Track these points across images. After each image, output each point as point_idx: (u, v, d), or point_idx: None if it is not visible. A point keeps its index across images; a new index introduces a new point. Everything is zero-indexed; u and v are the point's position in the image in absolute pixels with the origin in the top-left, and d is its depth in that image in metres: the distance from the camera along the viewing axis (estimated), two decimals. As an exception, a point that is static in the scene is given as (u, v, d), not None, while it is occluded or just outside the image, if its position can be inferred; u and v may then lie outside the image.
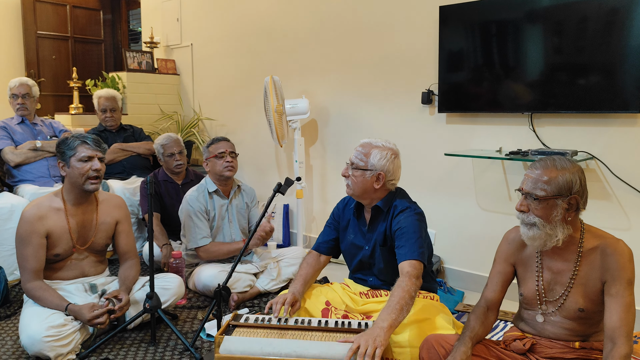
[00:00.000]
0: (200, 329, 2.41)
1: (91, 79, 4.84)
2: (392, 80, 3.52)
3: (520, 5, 2.86)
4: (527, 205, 1.67)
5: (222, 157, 3.05)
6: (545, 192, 1.63)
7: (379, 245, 2.26)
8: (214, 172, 3.08)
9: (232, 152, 3.10)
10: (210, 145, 3.11)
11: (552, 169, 1.65)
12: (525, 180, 1.69)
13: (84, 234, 2.54)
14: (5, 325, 2.66)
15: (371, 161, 2.20)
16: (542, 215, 1.64)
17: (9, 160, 3.60)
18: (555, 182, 1.63)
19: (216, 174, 3.08)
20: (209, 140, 3.15)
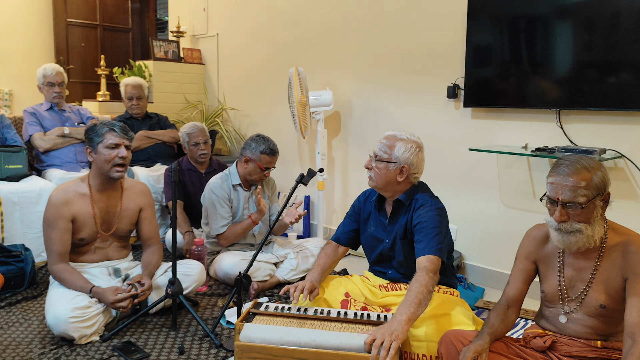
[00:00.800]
0: (220, 316, 2.44)
1: (118, 67, 4.91)
2: (418, 73, 3.50)
3: (550, 0, 2.80)
4: (567, 214, 1.63)
5: (264, 171, 3.07)
6: (586, 197, 1.59)
7: (399, 238, 2.26)
8: (247, 174, 3.10)
9: (273, 168, 3.12)
10: (263, 152, 3.02)
11: (584, 171, 1.60)
12: (560, 190, 1.62)
13: (108, 219, 2.59)
14: (32, 305, 2.73)
15: (395, 154, 2.19)
16: (584, 220, 1.61)
17: (38, 146, 3.68)
18: (592, 183, 1.59)
19: (247, 177, 3.11)
20: (266, 146, 3.04)
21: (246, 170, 3.08)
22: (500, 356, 1.73)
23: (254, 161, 3.04)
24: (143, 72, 4.81)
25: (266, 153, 3.04)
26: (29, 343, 2.30)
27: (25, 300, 2.78)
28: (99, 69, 4.96)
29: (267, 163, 3.06)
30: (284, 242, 3.37)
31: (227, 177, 3.14)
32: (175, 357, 2.20)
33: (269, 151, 3.04)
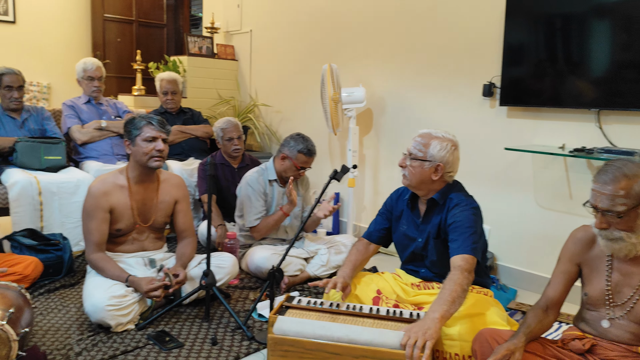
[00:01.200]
0: (252, 309, 2.47)
1: (153, 62, 5.00)
2: (452, 71, 3.47)
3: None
4: (607, 222, 1.60)
5: (299, 170, 3.10)
6: (625, 206, 1.56)
7: (433, 237, 2.24)
8: (282, 171, 3.13)
9: (309, 168, 3.15)
10: (300, 151, 3.05)
11: (623, 179, 1.56)
12: (598, 197, 1.59)
13: (145, 211, 2.64)
14: (70, 292, 2.81)
15: (430, 152, 2.18)
16: (626, 228, 1.58)
17: (76, 139, 3.78)
18: (632, 192, 1.55)
19: (282, 174, 3.15)
20: (304, 146, 3.06)
21: (282, 166, 3.11)
22: (536, 357, 1.71)
23: (291, 159, 3.07)
24: (177, 68, 4.89)
25: (303, 153, 3.06)
26: (67, 329, 2.37)
27: (63, 288, 2.86)
28: (135, 64, 5.05)
29: (303, 162, 3.08)
30: (314, 238, 3.39)
31: (263, 172, 3.18)
32: (208, 348, 2.23)
33: (306, 151, 3.06)
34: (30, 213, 3.19)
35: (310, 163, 3.12)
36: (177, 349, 2.21)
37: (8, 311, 1.79)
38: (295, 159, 3.06)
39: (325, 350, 1.87)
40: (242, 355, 2.19)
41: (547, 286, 1.86)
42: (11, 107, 3.50)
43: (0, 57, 5.29)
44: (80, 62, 3.91)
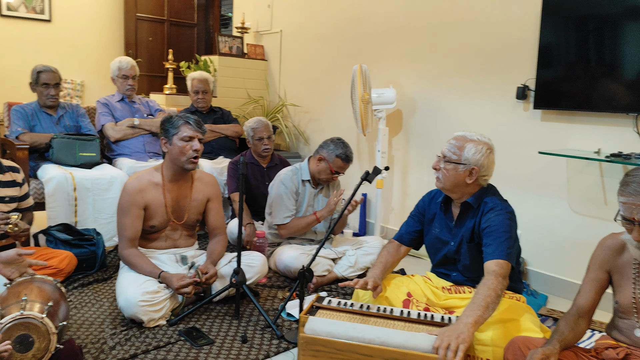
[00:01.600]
0: (282, 308, 2.48)
1: (184, 61, 5.06)
2: (485, 73, 3.43)
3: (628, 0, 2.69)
4: None
5: (334, 174, 3.11)
6: None
7: (466, 241, 2.22)
8: (317, 172, 3.15)
9: (342, 174, 3.16)
10: (338, 155, 3.06)
11: None
12: (634, 210, 1.56)
13: (178, 209, 2.68)
14: (103, 287, 2.86)
15: (465, 155, 2.15)
16: None
17: (110, 136, 3.85)
18: None
19: (316, 175, 3.16)
20: (341, 149, 3.08)
21: (317, 168, 3.12)
22: (570, 365, 1.68)
23: (328, 162, 3.08)
24: (208, 67, 4.94)
25: (341, 158, 3.08)
26: (101, 323, 2.42)
27: (97, 282, 2.92)
28: (167, 63, 5.12)
29: (339, 167, 3.09)
30: (341, 239, 3.39)
31: (297, 171, 3.19)
32: (238, 346, 2.26)
33: (344, 157, 3.08)
34: (65, 208, 3.26)
35: (345, 169, 3.14)
36: (208, 346, 2.23)
37: (47, 305, 1.83)
38: (332, 162, 3.07)
39: (357, 351, 1.86)
40: (272, 354, 2.21)
41: (578, 294, 1.83)
42: (48, 104, 3.58)
43: (37, 55, 5.43)
44: (115, 61, 3.98)
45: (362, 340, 1.86)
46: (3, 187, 2.60)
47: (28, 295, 1.83)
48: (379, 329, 1.89)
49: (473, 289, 2.24)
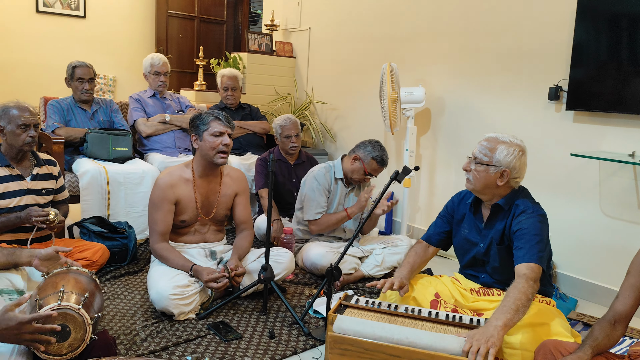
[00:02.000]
0: (310, 305, 2.50)
1: (214, 58, 5.12)
2: (517, 73, 3.38)
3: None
4: None
5: (368, 175, 3.11)
6: None
7: (496, 243, 2.21)
8: (350, 172, 3.15)
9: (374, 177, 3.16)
10: (374, 158, 3.05)
11: None
12: None
13: (207, 204, 2.72)
14: (134, 279, 2.93)
15: (496, 157, 2.13)
16: None
17: (141, 131, 3.92)
18: None
19: (349, 174, 3.16)
20: (379, 155, 3.06)
21: (351, 167, 3.13)
22: (602, 372, 1.66)
23: (362, 162, 3.08)
24: (238, 64, 4.98)
25: (377, 160, 3.07)
26: (133, 315, 2.47)
27: (128, 275, 2.99)
28: (197, 60, 5.19)
29: (373, 170, 3.09)
30: (368, 237, 3.40)
31: (330, 169, 3.20)
32: (266, 341, 2.29)
33: (380, 160, 3.07)
34: (98, 201, 3.34)
35: (379, 172, 3.13)
36: (237, 340, 2.27)
37: (83, 296, 1.88)
38: (367, 163, 3.07)
39: (385, 351, 1.87)
40: (299, 350, 2.23)
41: (616, 299, 1.80)
42: (82, 98, 3.67)
43: (71, 51, 5.56)
44: (147, 57, 4.05)
45: (390, 340, 1.86)
46: (40, 180, 2.68)
47: (65, 286, 1.88)
48: (407, 329, 1.89)
49: (502, 292, 2.23)
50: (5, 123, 2.54)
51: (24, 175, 2.62)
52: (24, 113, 2.55)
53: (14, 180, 2.58)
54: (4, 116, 2.55)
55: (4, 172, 2.56)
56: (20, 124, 2.52)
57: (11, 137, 2.55)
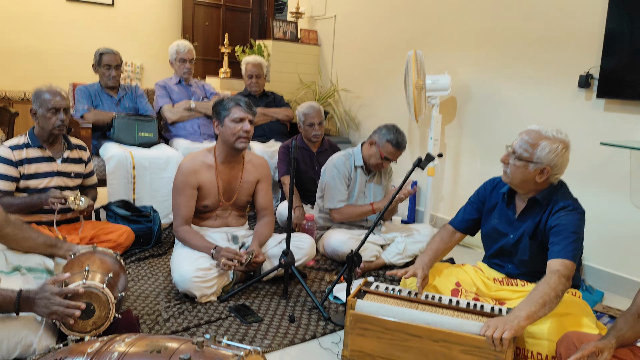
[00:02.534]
0: (330, 290, 2.51)
1: (238, 45, 5.13)
2: (546, 60, 3.31)
3: None
4: None
5: (384, 160, 3.07)
6: None
7: (528, 236, 2.15)
8: (368, 157, 3.13)
9: (393, 161, 3.12)
10: (389, 140, 3.01)
11: None
12: None
13: (229, 190, 2.74)
14: (158, 262, 2.98)
15: (538, 153, 2.03)
16: None
17: (167, 118, 3.97)
18: None
19: (368, 160, 3.14)
20: (394, 138, 3.01)
21: (368, 152, 3.11)
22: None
23: (378, 146, 3.06)
24: (262, 52, 4.99)
25: (391, 143, 3.03)
26: (156, 296, 2.52)
27: (152, 257, 3.04)
28: (222, 47, 5.21)
29: (389, 153, 3.05)
30: (390, 225, 3.38)
31: (350, 156, 3.19)
32: (286, 325, 2.30)
33: (394, 142, 3.03)
34: (124, 185, 3.40)
35: (396, 157, 3.09)
36: (257, 323, 2.29)
37: (107, 275, 1.92)
38: (382, 147, 3.05)
39: (406, 331, 1.87)
40: (318, 334, 2.24)
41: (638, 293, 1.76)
42: (109, 84, 3.72)
43: (99, 38, 5.64)
44: (173, 44, 4.09)
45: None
46: (70, 163, 2.74)
47: (90, 266, 1.93)
48: (427, 315, 1.89)
49: (526, 283, 2.20)
50: (37, 106, 2.61)
51: (55, 157, 2.68)
52: (55, 97, 2.61)
53: (45, 162, 2.64)
54: (37, 100, 2.62)
55: (36, 153, 2.62)
56: (51, 107, 2.58)
57: (43, 120, 2.61)
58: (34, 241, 2.19)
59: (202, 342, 1.23)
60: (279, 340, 2.16)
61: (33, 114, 2.63)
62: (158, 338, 1.31)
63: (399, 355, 1.92)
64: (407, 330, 1.86)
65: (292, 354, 2.09)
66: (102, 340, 1.33)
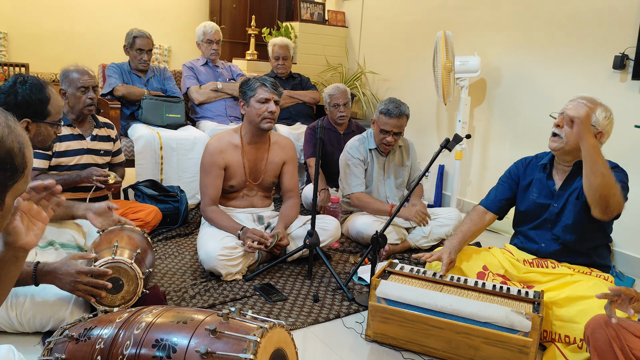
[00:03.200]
0: (354, 271, 2.51)
1: (266, 27, 5.12)
2: (580, 41, 3.21)
3: None
4: None
5: (385, 134, 3.03)
6: None
7: (575, 198, 2.11)
8: (375, 137, 3.11)
9: (396, 134, 3.02)
10: (382, 113, 2.99)
11: None
12: None
13: (255, 170, 2.75)
14: (184, 241, 3.02)
15: (596, 117, 2.04)
16: None
17: (194, 99, 3.99)
18: None
19: (375, 140, 3.12)
20: (385, 106, 2.97)
21: (374, 134, 3.10)
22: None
23: (377, 124, 3.03)
24: (289, 34, 4.97)
25: (383, 113, 2.97)
26: (183, 274, 2.56)
27: (179, 237, 3.08)
28: (249, 29, 5.20)
29: (384, 125, 2.98)
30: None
31: (364, 140, 3.17)
32: (310, 304, 2.31)
33: (385, 111, 2.96)
34: (152, 166, 3.44)
35: (392, 127, 2.97)
36: (281, 302, 2.31)
37: (135, 252, 1.96)
38: (378, 121, 3.02)
39: (427, 323, 1.86)
40: (342, 314, 2.25)
41: None
42: (139, 67, 3.76)
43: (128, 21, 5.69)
44: (200, 26, 4.10)
45: (434, 306, 1.85)
46: (99, 141, 2.79)
47: (119, 242, 1.97)
48: (451, 297, 1.87)
49: (557, 264, 2.16)
50: (66, 86, 2.66)
51: (84, 135, 2.73)
52: (83, 76, 2.65)
53: (75, 140, 2.70)
54: (65, 80, 2.67)
55: (66, 131, 2.68)
56: (80, 86, 2.63)
57: (72, 100, 2.66)
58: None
59: (227, 314, 1.24)
60: (303, 319, 2.17)
61: (62, 94, 2.67)
62: (184, 310, 1.33)
63: (421, 340, 1.91)
64: (428, 322, 1.85)
65: (316, 332, 2.10)
66: (130, 311, 1.36)
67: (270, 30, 5.04)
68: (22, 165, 0.96)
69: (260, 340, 1.20)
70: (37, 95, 2.08)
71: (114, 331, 1.32)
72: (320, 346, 2.00)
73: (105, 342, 1.31)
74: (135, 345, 1.25)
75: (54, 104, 2.14)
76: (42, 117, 2.11)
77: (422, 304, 1.87)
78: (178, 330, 1.24)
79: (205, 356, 1.18)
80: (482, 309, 1.80)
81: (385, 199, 3.21)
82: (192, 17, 6.35)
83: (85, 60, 3.41)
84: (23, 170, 0.97)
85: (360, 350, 1.99)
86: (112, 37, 5.44)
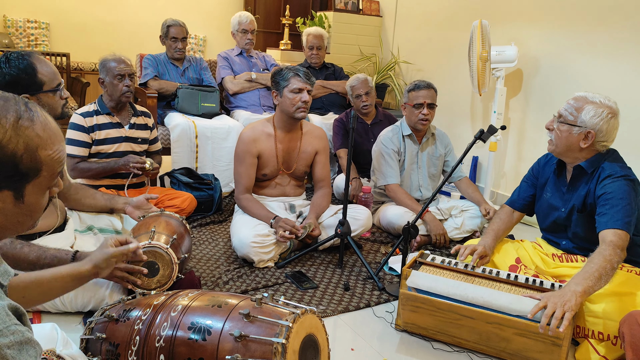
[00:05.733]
0: (385, 261, 2.52)
1: (300, 17, 5.12)
2: (622, 29, 3.11)
3: None
4: None
5: (419, 109, 3.02)
6: None
7: (577, 210, 2.09)
8: (409, 121, 3.10)
9: (430, 104, 3.02)
10: (410, 90, 3.05)
11: None
12: None
13: (288, 159, 2.78)
14: (218, 228, 3.08)
15: (582, 117, 2.00)
16: None
17: (228, 89, 4.05)
18: None
19: (410, 123, 3.11)
20: (412, 84, 3.07)
21: (408, 117, 3.10)
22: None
23: (407, 103, 3.05)
24: (323, 23, 4.96)
25: (411, 90, 3.02)
26: (217, 260, 2.61)
27: (213, 224, 3.14)
28: (284, 19, 5.22)
29: (416, 98, 3.01)
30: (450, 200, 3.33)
31: (397, 130, 3.17)
32: (340, 292, 2.34)
33: (413, 86, 3.01)
34: (187, 154, 3.52)
35: (428, 98, 2.99)
36: (312, 290, 2.34)
37: (172, 237, 2.01)
38: (408, 100, 3.04)
39: (458, 312, 1.86)
40: (372, 303, 2.26)
41: None
42: (175, 56, 3.83)
43: (165, 11, 5.79)
44: (235, 16, 4.14)
45: (465, 297, 1.85)
46: (137, 129, 2.86)
47: (157, 227, 2.03)
48: (482, 289, 1.87)
49: (586, 258, 2.12)
50: (104, 75, 2.74)
51: (122, 123, 2.81)
52: (120, 64, 2.72)
53: (114, 128, 2.78)
54: (103, 69, 2.75)
55: (105, 119, 2.76)
56: (117, 74, 2.70)
57: (110, 88, 2.74)
58: (96, 200, 2.33)
59: (260, 300, 1.27)
60: (333, 307, 2.20)
61: (101, 82, 2.76)
62: (219, 294, 1.37)
63: (452, 331, 1.92)
64: (460, 312, 1.85)
65: (346, 320, 2.13)
66: (167, 294, 1.41)
67: (304, 19, 5.05)
68: (33, 167, 0.87)
69: (292, 325, 1.23)
70: (22, 69, 1.89)
71: (152, 313, 1.37)
72: (350, 334, 2.03)
73: (143, 323, 1.36)
74: (172, 327, 1.30)
75: (43, 72, 1.93)
76: (37, 88, 1.92)
77: (453, 295, 1.87)
78: (213, 314, 1.29)
79: (239, 339, 1.21)
80: (514, 301, 1.79)
81: (419, 188, 3.20)
82: (227, 7, 6.41)
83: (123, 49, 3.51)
84: (37, 173, 0.88)
85: (390, 339, 2.00)
86: (150, 27, 5.54)
